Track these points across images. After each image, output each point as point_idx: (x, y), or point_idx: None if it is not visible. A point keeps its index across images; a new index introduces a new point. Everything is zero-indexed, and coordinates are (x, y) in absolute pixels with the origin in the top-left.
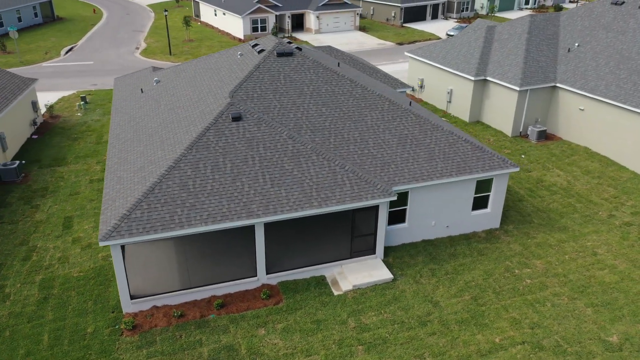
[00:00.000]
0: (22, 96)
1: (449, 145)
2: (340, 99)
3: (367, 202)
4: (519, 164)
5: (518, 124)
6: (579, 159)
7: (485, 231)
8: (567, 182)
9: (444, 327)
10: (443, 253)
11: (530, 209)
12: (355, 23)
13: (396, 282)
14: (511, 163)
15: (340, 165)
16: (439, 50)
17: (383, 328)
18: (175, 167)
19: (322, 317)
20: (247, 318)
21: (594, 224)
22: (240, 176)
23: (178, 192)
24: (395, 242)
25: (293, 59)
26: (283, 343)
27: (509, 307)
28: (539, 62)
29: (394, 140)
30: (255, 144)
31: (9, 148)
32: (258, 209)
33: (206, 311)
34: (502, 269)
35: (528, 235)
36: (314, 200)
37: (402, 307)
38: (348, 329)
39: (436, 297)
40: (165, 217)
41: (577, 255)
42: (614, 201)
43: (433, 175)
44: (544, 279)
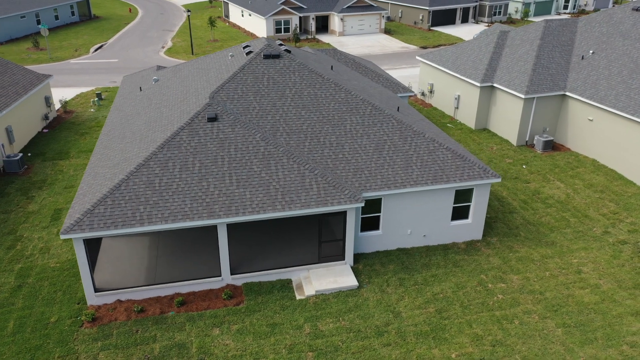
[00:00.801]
0: (34, 91)
1: (429, 152)
2: (321, 103)
3: (333, 207)
4: (518, 174)
5: (523, 133)
6: (583, 172)
7: (466, 242)
8: (566, 195)
9: (400, 339)
10: (416, 263)
11: (519, 221)
12: (381, 26)
13: (361, 289)
14: (492, 173)
15: (310, 169)
16: (449, 54)
17: (337, 336)
18: (145, 165)
19: (278, 320)
20: (204, 317)
21: (585, 240)
22: (208, 176)
23: (143, 190)
24: (368, 249)
25: (279, 61)
26: (234, 344)
27: (474, 322)
28: (549, 70)
29: (371, 145)
30: (227, 145)
31: (17, 140)
32: (220, 209)
33: (167, 308)
34: (475, 282)
35: (511, 249)
36: (278, 203)
37: (361, 315)
38: (302, 335)
39: (399, 308)
40: (127, 214)
41: (559, 272)
42: (612, 217)
43: (407, 183)
44: (517, 295)
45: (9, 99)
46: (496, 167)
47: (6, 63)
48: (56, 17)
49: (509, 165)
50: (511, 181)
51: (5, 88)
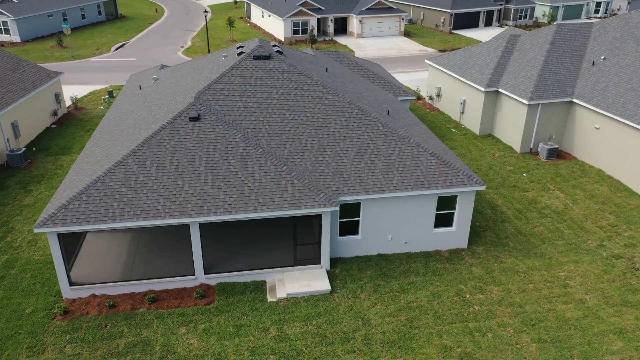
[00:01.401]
0: (42, 88)
1: (412, 157)
2: (307, 105)
3: (307, 210)
4: (517, 182)
5: (528, 140)
6: (587, 182)
7: (450, 250)
8: (564, 206)
9: (366, 347)
10: (395, 269)
11: (510, 231)
12: (400, 28)
13: (334, 294)
14: (477, 180)
15: (287, 171)
16: (457, 58)
17: (302, 340)
18: (123, 162)
19: (245, 322)
20: (173, 315)
21: (577, 253)
22: (184, 175)
23: (119, 187)
24: (348, 254)
25: (269, 62)
26: (198, 344)
27: (445, 333)
28: (556, 75)
29: (353, 149)
30: (206, 145)
31: (23, 135)
32: (192, 209)
33: (139, 304)
34: (453, 292)
35: (496, 259)
36: (251, 204)
37: (330, 320)
38: (267, 337)
39: (369, 315)
40: (100, 210)
41: (544, 285)
42: (609, 230)
43: (386, 188)
44: (495, 307)
45: (16, 95)
46: (495, 175)
47: (18, 60)
48: (83, 16)
49: (509, 173)
50: (508, 189)
51: (14, 84)
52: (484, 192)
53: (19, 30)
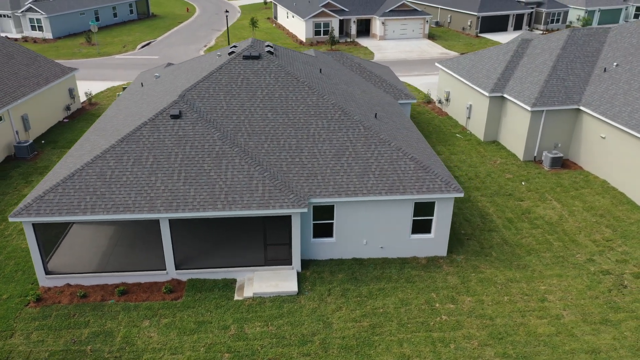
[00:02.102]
0: (55, 83)
1: (391, 161)
2: (290, 105)
3: (275, 210)
4: (513, 191)
5: (531, 148)
6: (588, 193)
7: (428, 258)
8: (559, 217)
9: (322, 351)
10: (368, 274)
11: (496, 241)
12: (424, 31)
13: (300, 296)
14: (455, 187)
15: (260, 170)
16: (467, 62)
17: (260, 340)
18: (101, 157)
19: (207, 319)
20: (140, 308)
21: (563, 266)
22: (158, 171)
23: (94, 181)
24: (322, 257)
25: (258, 62)
26: (157, 338)
27: (406, 341)
28: (564, 81)
29: (331, 151)
30: (183, 142)
31: (34, 128)
32: (162, 205)
33: (109, 296)
34: (423, 300)
35: (475, 269)
36: (220, 202)
37: (291, 322)
38: (225, 335)
39: (332, 318)
40: (73, 202)
41: (520, 299)
42: (602, 244)
43: (360, 191)
44: (464, 318)
45: (28, 89)
46: (492, 182)
47: (35, 56)
48: (115, 14)
49: (507, 181)
50: (503, 198)
51: (27, 79)
52: (475, 200)
53: (52, 27)
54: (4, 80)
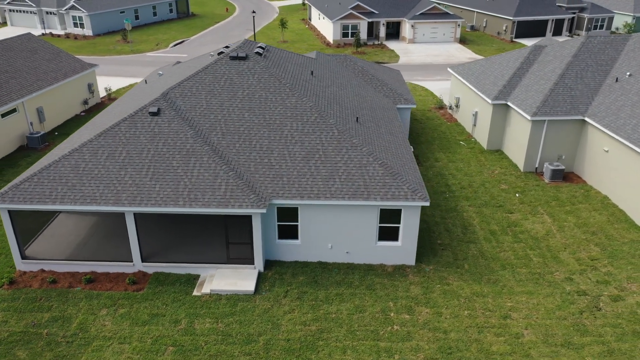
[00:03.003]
0: (72, 78)
1: (359, 166)
2: (268, 106)
3: (234, 210)
4: (505, 202)
5: (532, 158)
6: (585, 208)
7: (395, 266)
8: (546, 232)
9: (264, 351)
10: (329, 279)
11: (472, 253)
12: (456, 35)
13: (256, 296)
14: (421, 195)
15: (226, 170)
16: (478, 67)
17: (206, 336)
18: (78, 150)
19: (161, 312)
20: (102, 297)
21: (537, 284)
22: (128, 166)
23: (67, 172)
24: (287, 258)
25: (244, 63)
26: (110, 326)
27: (351, 349)
28: (571, 91)
29: (301, 153)
30: (157, 139)
31: (49, 120)
32: (126, 198)
33: (76, 283)
34: (379, 308)
35: (442, 280)
36: (182, 199)
37: (241, 321)
38: (174, 329)
39: (282, 320)
40: (45, 192)
41: (482, 314)
42: (586, 263)
43: (322, 195)
44: (416, 330)
45: (45, 83)
46: (484, 193)
47: (58, 52)
48: (154, 13)
49: (500, 192)
50: (492, 209)
51: (46, 73)
52: (462, 209)
53: (92, 24)
54: (23, 74)
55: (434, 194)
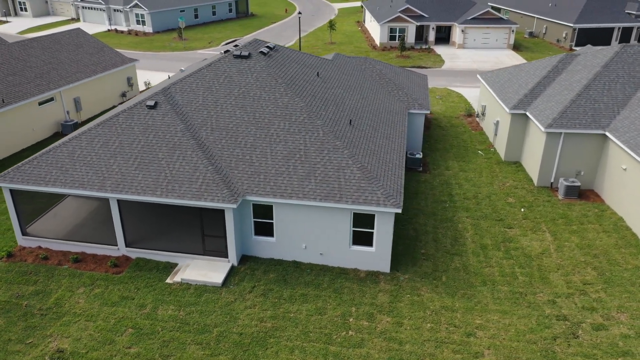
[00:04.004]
0: (111, 72)
1: (337, 169)
2: (260, 105)
3: (206, 203)
4: (506, 216)
5: (547, 173)
6: (593, 229)
7: (369, 272)
8: (542, 251)
9: (214, 342)
10: (299, 279)
11: (455, 266)
12: (509, 41)
13: (223, 289)
14: (393, 202)
15: (206, 164)
16: (505, 75)
17: (165, 322)
18: (77, 137)
19: (131, 295)
20: (83, 276)
21: (515, 303)
22: (117, 155)
23: (64, 157)
24: (263, 254)
25: (246, 62)
26: (83, 304)
27: (299, 349)
28: (595, 102)
29: (283, 152)
30: (149, 131)
31: (85, 110)
32: (110, 185)
33: (65, 262)
34: (339, 312)
35: (414, 291)
36: (160, 189)
37: (202, 311)
38: (138, 313)
39: (241, 315)
40: (41, 174)
41: (445, 329)
42: (576, 287)
43: (295, 195)
44: (371, 338)
45: (83, 75)
46: (488, 205)
47: (103, 46)
48: (214, 12)
49: (505, 205)
50: (491, 222)
51: (87, 66)
52: (458, 220)
53: (152, 22)
54: (65, 66)
55: (433, 203)
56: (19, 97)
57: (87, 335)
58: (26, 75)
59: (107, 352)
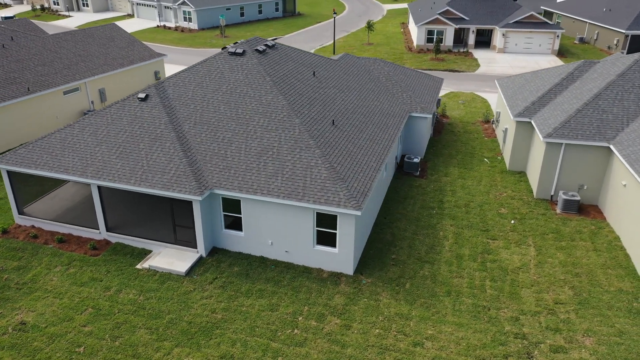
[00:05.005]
0: (138, 65)
1: (306, 168)
2: (244, 101)
3: (174, 194)
4: (493, 227)
5: (546, 185)
6: (584, 246)
7: (332, 273)
8: (521, 265)
9: (163, 328)
10: (262, 274)
11: (422, 274)
12: (554, 46)
13: (187, 278)
14: (353, 204)
15: (181, 156)
16: (520, 81)
17: (123, 305)
18: (71, 125)
19: (100, 277)
20: (63, 256)
21: (475, 317)
22: (103, 144)
23: (56, 143)
24: (232, 248)
25: (240, 59)
26: (55, 282)
27: (242, 342)
28: (604, 113)
29: (257, 148)
30: (136, 122)
31: (109, 100)
32: (90, 172)
33: (51, 242)
34: (291, 310)
35: (372, 295)
36: (134, 178)
37: (160, 297)
38: (102, 294)
39: (195, 304)
40: (33, 158)
41: (394, 336)
42: (546, 306)
43: (260, 191)
44: (314, 339)
45: (110, 67)
46: (477, 214)
47: (133, 41)
48: (259, 11)
49: (495, 216)
50: (475, 232)
51: (115, 59)
52: (441, 228)
53: (198, 19)
54: (93, 58)
55: (420, 208)
56: (44, 86)
57: (51, 311)
58: (55, 66)
59: (63, 327)
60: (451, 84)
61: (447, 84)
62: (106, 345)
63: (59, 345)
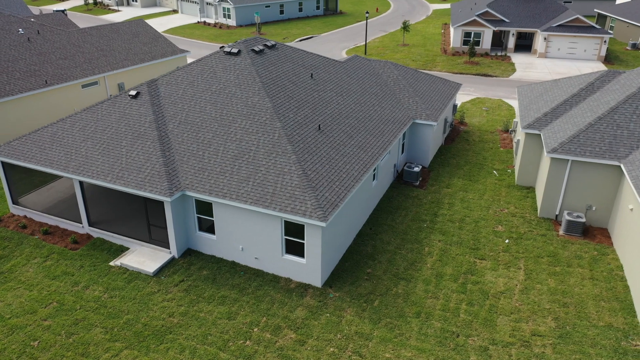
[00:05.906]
0: (159, 61)
1: (278, 173)
2: (231, 102)
3: (145, 193)
4: (484, 246)
5: (551, 204)
6: (580, 274)
7: (300, 283)
8: (505, 290)
9: (118, 329)
10: (229, 280)
11: (396, 292)
12: (600, 52)
13: (154, 278)
14: (319, 216)
15: (158, 156)
16: (540, 89)
17: (87, 302)
18: (62, 120)
19: (72, 272)
20: (44, 248)
21: (441, 344)
22: (89, 139)
23: (46, 137)
24: (206, 251)
25: (233, 59)
26: (30, 274)
27: (191, 350)
28: (619, 129)
29: (235, 151)
30: (123, 119)
31: None
32: (73, 167)
33: (37, 232)
34: (249, 320)
35: (336, 311)
36: (111, 175)
37: (124, 296)
38: (70, 289)
39: (155, 307)
40: (23, 150)
41: (348, 357)
42: (523, 337)
43: (229, 195)
44: (265, 352)
45: (130, 62)
46: (470, 231)
47: (158, 37)
48: (300, 9)
49: (489, 235)
50: (463, 250)
51: (136, 55)
52: (427, 244)
53: (236, 16)
54: (115, 53)
55: (410, 221)
56: (63, 79)
57: (18, 303)
58: (76, 60)
59: (25, 320)
60: (479, 90)
61: (476, 89)
62: (60, 341)
63: (16, 338)
